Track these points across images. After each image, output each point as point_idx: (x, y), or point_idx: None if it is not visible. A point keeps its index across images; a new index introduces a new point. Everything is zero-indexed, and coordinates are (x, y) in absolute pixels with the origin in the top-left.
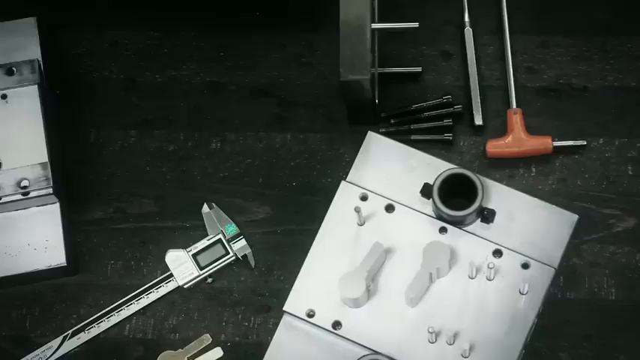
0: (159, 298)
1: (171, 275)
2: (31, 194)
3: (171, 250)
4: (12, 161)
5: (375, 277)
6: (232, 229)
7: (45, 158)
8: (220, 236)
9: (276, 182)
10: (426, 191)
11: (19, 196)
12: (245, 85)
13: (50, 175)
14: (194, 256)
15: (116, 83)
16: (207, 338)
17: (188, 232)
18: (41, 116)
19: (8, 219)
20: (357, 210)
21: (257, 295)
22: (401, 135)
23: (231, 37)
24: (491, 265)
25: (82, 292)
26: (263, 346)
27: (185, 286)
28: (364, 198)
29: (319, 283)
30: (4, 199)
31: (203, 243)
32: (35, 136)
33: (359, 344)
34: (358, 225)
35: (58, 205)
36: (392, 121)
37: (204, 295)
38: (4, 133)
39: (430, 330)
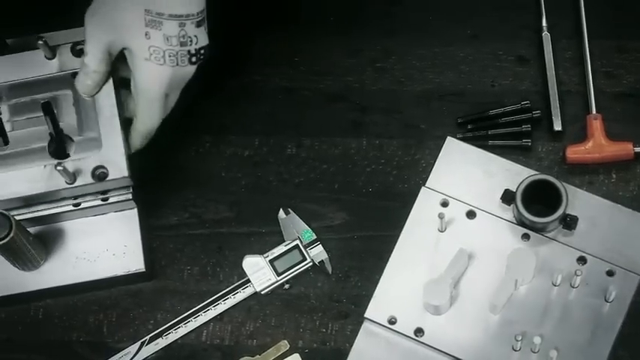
0: (236, 304)
1: (248, 281)
2: (110, 199)
3: (248, 255)
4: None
5: (456, 284)
6: (309, 235)
7: (123, 149)
8: (297, 242)
9: (352, 188)
10: (507, 197)
11: (99, 202)
12: (320, 90)
13: (128, 173)
14: (271, 261)
15: (189, 88)
16: (285, 345)
17: (264, 238)
18: (116, 108)
19: (87, 224)
20: (441, 216)
21: (334, 301)
22: (478, 140)
23: (305, 42)
24: (579, 273)
25: (159, 297)
26: (341, 353)
27: (262, 292)
28: (445, 204)
29: (400, 289)
30: (83, 204)
31: (280, 249)
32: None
33: (441, 351)
34: (439, 231)
35: (136, 210)
36: (469, 127)
37: (281, 301)
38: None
39: (518, 338)
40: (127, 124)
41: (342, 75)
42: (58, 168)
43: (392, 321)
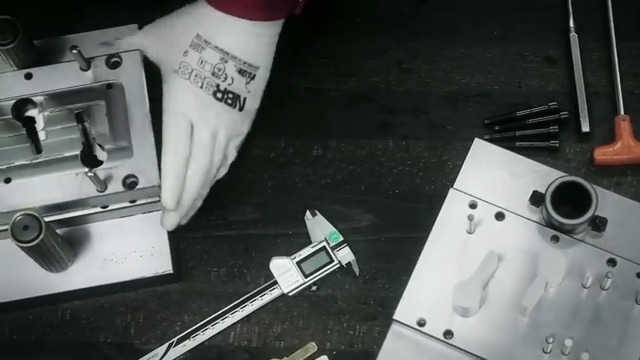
0: (263, 306)
1: (275, 283)
2: (138, 201)
3: (275, 257)
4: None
5: (485, 286)
6: (336, 236)
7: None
8: (324, 244)
9: (379, 189)
10: (536, 199)
11: (127, 204)
12: (346, 91)
13: (158, 182)
14: (298, 263)
15: None
16: (312, 346)
17: (291, 240)
18: (149, 118)
19: (114, 226)
20: (471, 218)
21: (362, 303)
22: (505, 142)
23: (331, 44)
24: (610, 275)
25: (186, 299)
26: (369, 355)
27: (290, 294)
28: (473, 205)
29: (429, 291)
30: (111, 207)
31: (307, 250)
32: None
33: (471, 354)
34: (467, 233)
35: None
36: (496, 128)
37: (309, 302)
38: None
39: (549, 340)
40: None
41: (368, 76)
42: (89, 175)
43: (421, 323)
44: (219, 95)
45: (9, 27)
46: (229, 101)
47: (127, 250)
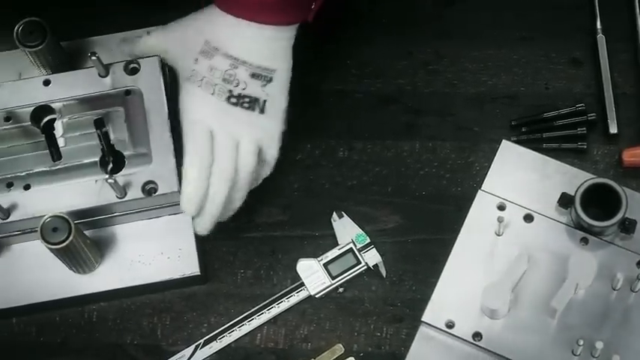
0: (290, 308)
1: (302, 284)
2: (162, 202)
3: (302, 259)
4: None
5: (514, 287)
6: (363, 238)
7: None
8: (351, 245)
9: (405, 191)
10: (564, 201)
11: (152, 205)
12: (372, 92)
13: (177, 188)
14: (325, 265)
15: None
16: (339, 348)
17: (317, 241)
18: (168, 124)
19: (141, 227)
20: (501, 220)
21: (389, 305)
22: (532, 143)
23: (357, 45)
24: None
25: (212, 300)
26: (396, 357)
27: (317, 296)
28: (502, 207)
29: (458, 293)
30: (136, 208)
31: (334, 252)
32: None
33: (500, 356)
34: (496, 234)
35: None
36: (523, 129)
37: (335, 304)
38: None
39: (579, 342)
40: None
41: (394, 77)
42: (110, 181)
43: (450, 325)
44: (233, 100)
45: (37, 28)
46: (246, 105)
47: (155, 251)
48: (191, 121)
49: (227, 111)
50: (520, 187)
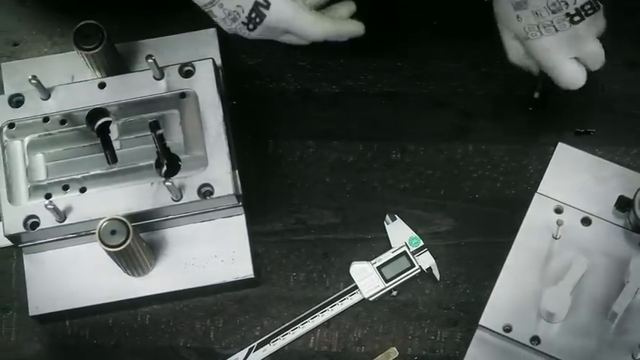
0: (343, 311)
1: (355, 287)
2: (218, 205)
3: (355, 262)
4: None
5: (572, 291)
6: (416, 241)
7: (229, 167)
8: (404, 248)
9: (459, 194)
10: (622, 204)
11: (207, 208)
12: (424, 95)
13: (239, 185)
14: (379, 268)
15: (293, 94)
16: (393, 352)
17: (370, 244)
18: (223, 127)
19: (195, 230)
20: (560, 223)
21: (443, 308)
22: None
23: (408, 47)
24: None
25: (265, 303)
26: None
27: (370, 299)
28: (559, 210)
29: (515, 296)
30: (191, 211)
31: (387, 255)
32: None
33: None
34: (553, 238)
35: (243, 216)
36: (576, 130)
37: (389, 307)
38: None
39: None
40: None
41: (446, 80)
42: (167, 184)
43: (507, 329)
44: (577, 19)
45: (93, 31)
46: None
47: (208, 254)
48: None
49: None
50: (577, 190)
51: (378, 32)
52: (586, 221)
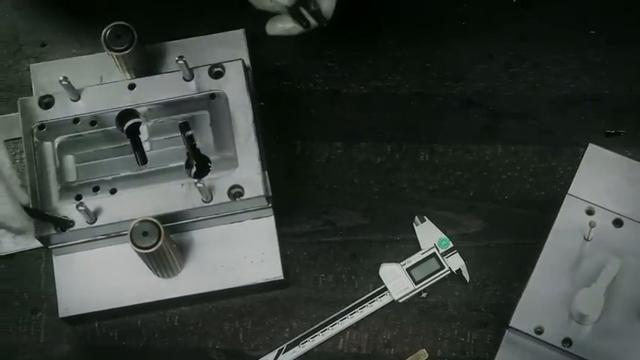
0: (372, 313)
1: (384, 289)
2: (248, 206)
3: (384, 263)
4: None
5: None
6: (445, 242)
7: (259, 168)
8: (434, 250)
9: (488, 195)
10: None
11: (237, 209)
12: (452, 96)
13: (268, 186)
14: (408, 270)
15: (321, 95)
16: (423, 354)
17: (399, 246)
18: (253, 128)
19: (224, 231)
20: (593, 225)
21: (472, 310)
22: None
23: (436, 48)
24: None
25: (294, 305)
26: None
27: (400, 301)
28: (590, 212)
29: (546, 298)
30: (221, 212)
31: (417, 257)
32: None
33: None
34: (585, 239)
35: (272, 217)
36: (606, 131)
37: (418, 309)
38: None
39: None
40: None
41: (474, 80)
42: (199, 185)
43: (538, 330)
44: None
45: (124, 33)
46: None
47: (238, 256)
48: None
49: None
50: (608, 191)
51: (405, 33)
52: (618, 222)
